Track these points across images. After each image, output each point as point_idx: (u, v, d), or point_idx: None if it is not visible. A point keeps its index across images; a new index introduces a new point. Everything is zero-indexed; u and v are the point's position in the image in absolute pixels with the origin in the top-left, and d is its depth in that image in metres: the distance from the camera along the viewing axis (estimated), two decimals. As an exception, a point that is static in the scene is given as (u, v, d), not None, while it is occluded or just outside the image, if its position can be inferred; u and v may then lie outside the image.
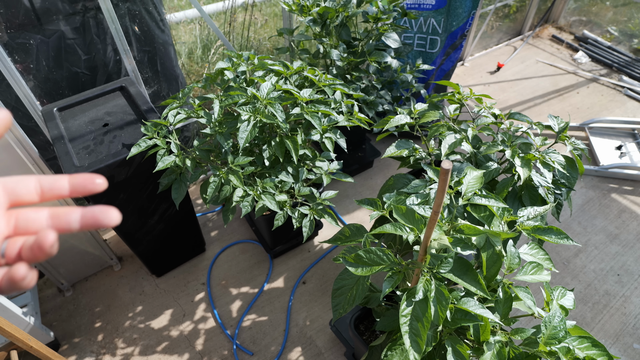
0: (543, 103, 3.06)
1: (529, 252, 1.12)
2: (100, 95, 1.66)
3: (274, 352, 1.74)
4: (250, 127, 1.34)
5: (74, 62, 1.70)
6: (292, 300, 1.91)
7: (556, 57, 3.52)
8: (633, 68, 3.30)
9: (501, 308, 1.05)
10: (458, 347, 0.98)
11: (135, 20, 1.79)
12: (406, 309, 0.90)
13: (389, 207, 1.15)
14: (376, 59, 1.91)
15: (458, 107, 1.50)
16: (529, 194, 1.31)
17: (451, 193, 1.12)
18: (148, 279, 1.98)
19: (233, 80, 1.54)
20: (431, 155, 1.46)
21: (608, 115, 2.95)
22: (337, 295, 1.15)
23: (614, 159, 2.58)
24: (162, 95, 2.07)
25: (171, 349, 1.74)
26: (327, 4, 1.82)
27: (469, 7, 2.29)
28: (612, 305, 1.92)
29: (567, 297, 1.13)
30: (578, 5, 3.73)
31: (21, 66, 1.61)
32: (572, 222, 2.28)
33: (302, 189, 1.52)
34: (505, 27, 3.59)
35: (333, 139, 1.51)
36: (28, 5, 1.52)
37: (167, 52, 2.00)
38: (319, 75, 1.57)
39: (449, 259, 0.92)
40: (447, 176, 0.64)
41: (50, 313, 1.84)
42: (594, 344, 0.99)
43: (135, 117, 1.57)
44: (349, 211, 2.32)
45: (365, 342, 1.45)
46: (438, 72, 2.59)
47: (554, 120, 1.40)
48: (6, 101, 1.64)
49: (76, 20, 1.64)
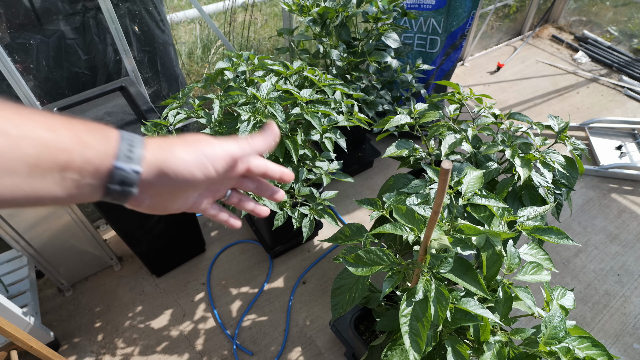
0: (543, 103, 3.06)
1: (529, 252, 1.12)
2: (100, 95, 1.66)
3: (274, 352, 1.74)
4: (250, 127, 1.34)
5: (74, 62, 1.70)
6: (292, 300, 1.91)
7: (556, 57, 3.52)
8: (633, 68, 3.30)
9: (501, 308, 1.05)
10: (458, 347, 0.98)
11: (135, 20, 1.79)
12: (406, 309, 0.90)
13: (389, 207, 1.15)
14: (376, 59, 1.91)
15: (458, 107, 1.50)
16: (529, 194, 1.31)
17: (451, 193, 1.12)
18: (148, 279, 1.98)
19: (233, 80, 1.54)
20: (431, 155, 1.46)
21: (608, 115, 2.95)
22: (336, 294, 1.15)
23: (614, 159, 2.58)
24: (162, 95, 2.07)
25: (171, 349, 1.74)
26: (327, 4, 1.82)
27: (469, 7, 2.29)
28: (612, 305, 1.92)
29: (567, 297, 1.13)
30: (578, 5, 3.73)
31: (21, 66, 1.61)
32: (572, 222, 2.28)
33: (302, 189, 1.52)
34: (505, 27, 3.59)
35: (333, 139, 1.51)
36: (28, 5, 1.52)
37: (167, 52, 2.00)
38: (319, 75, 1.57)
39: (449, 259, 0.92)
40: (447, 176, 0.64)
41: (50, 313, 1.84)
42: (594, 344, 0.99)
43: (135, 117, 1.57)
44: (349, 211, 2.32)
45: (365, 342, 1.45)
46: (438, 72, 2.59)
47: (554, 120, 1.40)
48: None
49: (76, 20, 1.64)
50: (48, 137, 0.35)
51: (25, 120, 0.35)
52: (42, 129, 0.35)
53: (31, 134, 0.34)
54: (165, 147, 0.42)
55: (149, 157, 0.40)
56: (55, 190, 0.36)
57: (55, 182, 0.36)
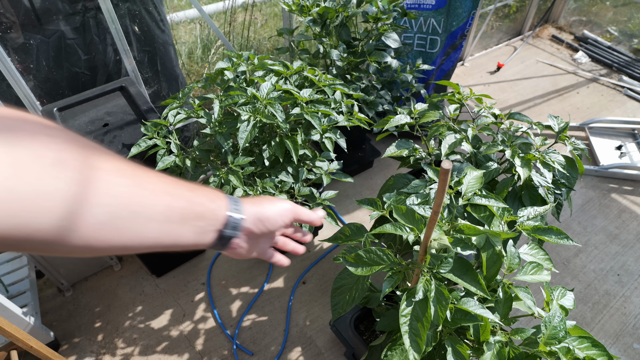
0: (543, 103, 3.06)
1: (529, 252, 1.11)
2: (100, 95, 1.66)
3: (274, 352, 1.74)
4: (250, 127, 1.34)
5: (74, 62, 1.70)
6: (292, 300, 1.91)
7: (556, 57, 3.52)
8: (633, 68, 3.30)
9: (501, 308, 1.05)
10: (458, 347, 0.98)
11: (135, 20, 1.79)
12: (406, 309, 0.90)
13: (389, 207, 1.15)
14: (376, 59, 1.91)
15: (458, 107, 1.50)
16: (529, 194, 1.31)
17: (451, 193, 1.12)
18: (148, 279, 1.98)
19: (233, 80, 1.54)
20: (431, 155, 1.46)
21: (608, 115, 2.95)
22: (336, 294, 1.15)
23: (614, 159, 2.58)
24: (162, 95, 2.07)
25: (171, 349, 1.74)
26: (327, 4, 1.82)
27: (469, 7, 2.29)
28: (612, 305, 1.92)
29: (567, 297, 1.13)
30: (578, 5, 3.73)
31: (21, 66, 1.61)
32: (572, 222, 2.28)
33: (302, 189, 1.52)
34: (505, 27, 3.59)
35: (333, 139, 1.51)
36: (28, 5, 1.52)
37: (167, 52, 2.00)
38: (319, 75, 1.57)
39: (449, 259, 0.92)
40: (447, 176, 0.64)
41: (50, 313, 1.84)
42: (594, 344, 0.99)
43: (135, 117, 1.57)
44: (349, 211, 2.32)
45: (365, 342, 1.45)
46: (438, 72, 2.59)
47: (554, 120, 1.39)
48: (6, 101, 1.64)
49: (76, 20, 1.64)
50: (191, 195, 0.49)
51: (177, 182, 0.49)
52: (187, 190, 0.49)
53: (181, 192, 0.48)
54: (257, 203, 0.60)
55: (247, 209, 0.57)
56: (190, 235, 0.49)
57: (192, 228, 0.49)
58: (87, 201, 0.37)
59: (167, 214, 0.45)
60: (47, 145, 0.36)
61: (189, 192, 0.49)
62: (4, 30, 1.52)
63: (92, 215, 0.38)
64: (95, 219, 0.39)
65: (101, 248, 0.41)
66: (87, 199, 0.37)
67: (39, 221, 0.35)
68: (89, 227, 0.38)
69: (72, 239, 0.38)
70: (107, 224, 0.40)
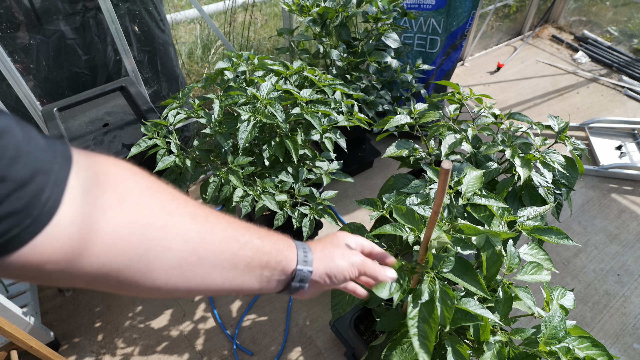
0: (543, 103, 3.06)
1: (529, 252, 1.11)
2: (100, 95, 1.66)
3: (274, 352, 1.74)
4: (250, 127, 1.34)
5: (74, 62, 1.70)
6: (292, 300, 1.91)
7: (556, 57, 3.52)
8: (633, 68, 3.30)
9: (501, 308, 1.05)
10: (458, 347, 0.98)
11: (135, 20, 1.79)
12: (413, 311, 0.90)
13: (389, 207, 1.15)
14: (376, 59, 1.91)
15: (458, 107, 1.50)
16: (529, 194, 1.30)
17: (451, 193, 1.12)
18: (148, 279, 1.98)
19: (233, 80, 1.54)
20: (431, 155, 1.46)
21: (608, 115, 2.95)
22: (336, 294, 1.15)
23: (614, 159, 2.58)
24: (162, 95, 2.07)
25: (171, 349, 1.74)
26: (327, 4, 1.82)
27: (469, 7, 2.29)
28: (612, 305, 1.92)
29: (567, 297, 1.13)
30: (578, 5, 3.73)
31: (21, 66, 1.61)
32: (572, 222, 2.28)
33: (302, 189, 1.52)
34: (505, 27, 3.59)
35: (333, 139, 1.51)
36: (28, 5, 1.52)
37: (167, 52, 2.00)
38: (319, 75, 1.57)
39: (451, 258, 0.92)
40: (447, 176, 0.64)
41: (50, 313, 1.84)
42: (594, 344, 0.99)
43: (135, 117, 1.57)
44: (349, 211, 2.32)
45: (365, 342, 1.45)
46: (438, 72, 2.59)
47: (554, 120, 1.39)
48: (6, 101, 1.64)
49: (76, 20, 1.64)
50: (259, 243, 0.49)
51: (247, 230, 0.49)
52: (256, 238, 0.49)
53: (250, 240, 0.48)
54: (328, 253, 0.59)
55: (317, 262, 0.57)
56: (255, 283, 0.49)
57: (256, 276, 0.49)
58: (160, 245, 0.39)
59: (234, 262, 0.46)
60: (132, 190, 0.38)
61: (258, 239, 0.49)
62: (4, 30, 1.52)
63: (165, 260, 0.40)
64: (167, 263, 0.40)
65: (168, 291, 0.42)
66: (161, 244, 0.39)
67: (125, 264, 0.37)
68: (160, 270, 0.40)
69: (145, 281, 0.39)
70: (176, 268, 0.41)
